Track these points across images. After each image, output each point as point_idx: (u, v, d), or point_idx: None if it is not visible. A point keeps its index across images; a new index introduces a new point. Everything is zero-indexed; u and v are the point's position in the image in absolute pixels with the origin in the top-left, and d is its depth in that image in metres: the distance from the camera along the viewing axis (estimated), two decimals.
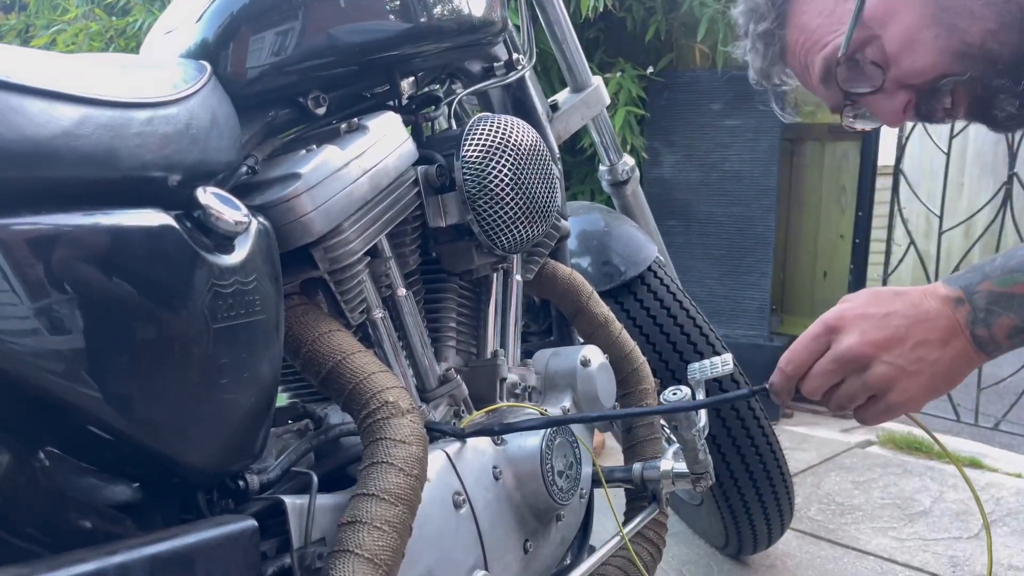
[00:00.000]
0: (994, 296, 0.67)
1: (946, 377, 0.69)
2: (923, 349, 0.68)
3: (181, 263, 0.62)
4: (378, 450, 0.74)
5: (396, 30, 0.89)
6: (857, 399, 0.71)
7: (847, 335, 0.70)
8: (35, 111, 0.55)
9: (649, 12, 2.65)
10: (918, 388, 0.69)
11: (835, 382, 0.72)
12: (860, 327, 0.70)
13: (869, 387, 0.70)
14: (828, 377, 0.72)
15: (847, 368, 0.70)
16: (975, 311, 0.68)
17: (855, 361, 0.70)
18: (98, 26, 3.62)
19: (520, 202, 0.94)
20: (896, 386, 0.69)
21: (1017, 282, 0.66)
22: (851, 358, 0.70)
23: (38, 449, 0.60)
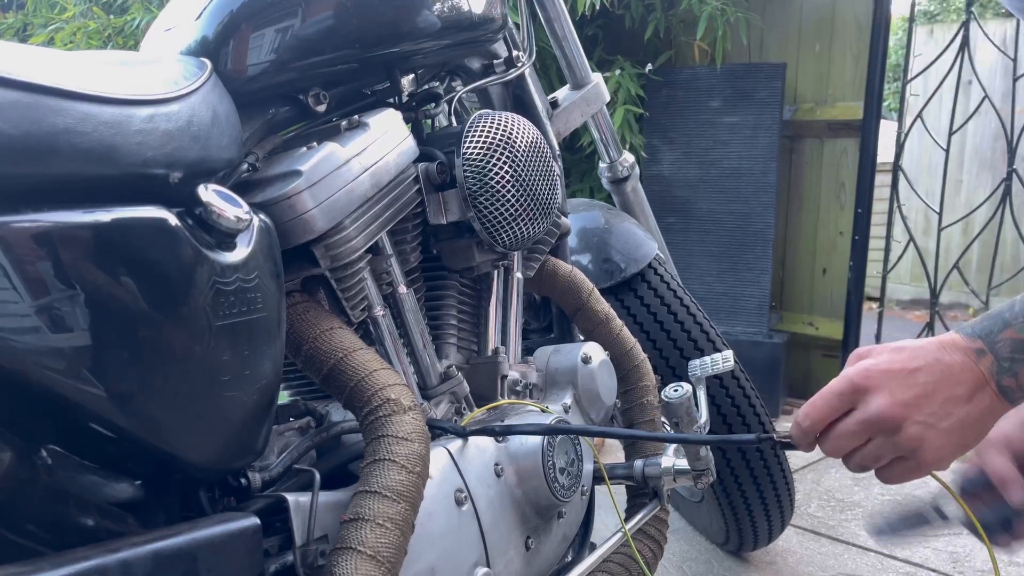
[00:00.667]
0: (1018, 344, 0.65)
1: (975, 431, 0.67)
2: (951, 405, 0.66)
3: (183, 260, 0.62)
4: (380, 447, 0.74)
5: (396, 27, 0.89)
6: (883, 460, 0.69)
7: (876, 396, 0.67)
8: (38, 108, 0.55)
9: (648, 9, 2.65)
10: (949, 446, 0.67)
11: (861, 443, 0.69)
12: (888, 387, 0.67)
13: (900, 448, 0.67)
14: (854, 439, 0.69)
15: (876, 430, 0.68)
16: (999, 361, 0.66)
17: (886, 423, 0.67)
18: (96, 24, 3.61)
19: (521, 199, 0.94)
20: (927, 445, 0.66)
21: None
22: (882, 420, 0.67)
23: (40, 447, 0.60)
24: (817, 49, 2.65)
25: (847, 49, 2.60)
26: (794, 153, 2.75)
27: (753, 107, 2.62)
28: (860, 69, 2.56)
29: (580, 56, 1.40)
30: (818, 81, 2.66)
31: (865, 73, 2.51)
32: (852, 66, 2.59)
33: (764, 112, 2.61)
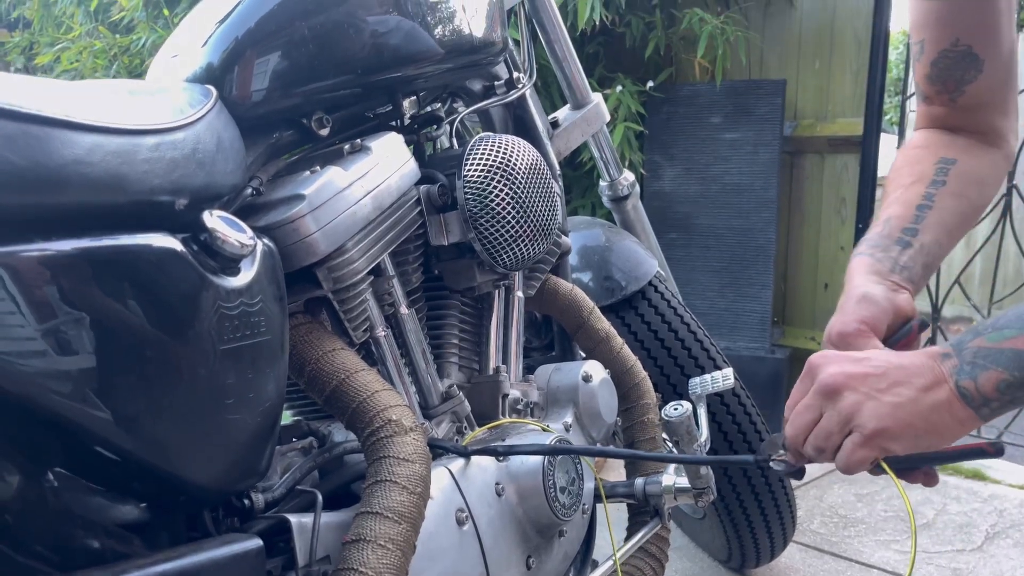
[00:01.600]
0: (982, 351, 0.66)
1: (927, 419, 0.67)
2: (900, 387, 0.68)
3: (188, 286, 0.63)
4: (382, 468, 0.74)
5: (399, 52, 0.91)
6: (833, 437, 0.71)
7: (823, 370, 0.71)
8: (48, 140, 0.56)
9: (648, 27, 2.67)
10: (892, 418, 0.67)
11: (815, 419, 0.72)
12: (838, 362, 0.71)
13: (841, 417, 0.69)
14: (807, 414, 0.72)
15: (822, 399, 0.70)
16: (961, 364, 0.67)
17: (829, 389, 0.70)
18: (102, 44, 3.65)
19: (521, 220, 0.95)
20: (866, 412, 0.68)
21: (1006, 337, 0.66)
22: (825, 386, 0.70)
23: (47, 469, 0.61)
24: (817, 65, 2.67)
25: (847, 65, 2.62)
26: (795, 168, 2.76)
27: (754, 123, 2.64)
28: (860, 85, 2.57)
29: (580, 76, 1.42)
30: (818, 97, 2.68)
31: (865, 89, 2.53)
32: (852, 82, 2.61)
33: (765, 128, 2.63)
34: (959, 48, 0.86)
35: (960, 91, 0.88)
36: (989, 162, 0.90)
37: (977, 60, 0.86)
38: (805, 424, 0.72)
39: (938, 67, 0.88)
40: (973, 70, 0.87)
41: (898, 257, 0.82)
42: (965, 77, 0.87)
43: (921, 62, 0.90)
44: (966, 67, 0.87)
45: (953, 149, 0.90)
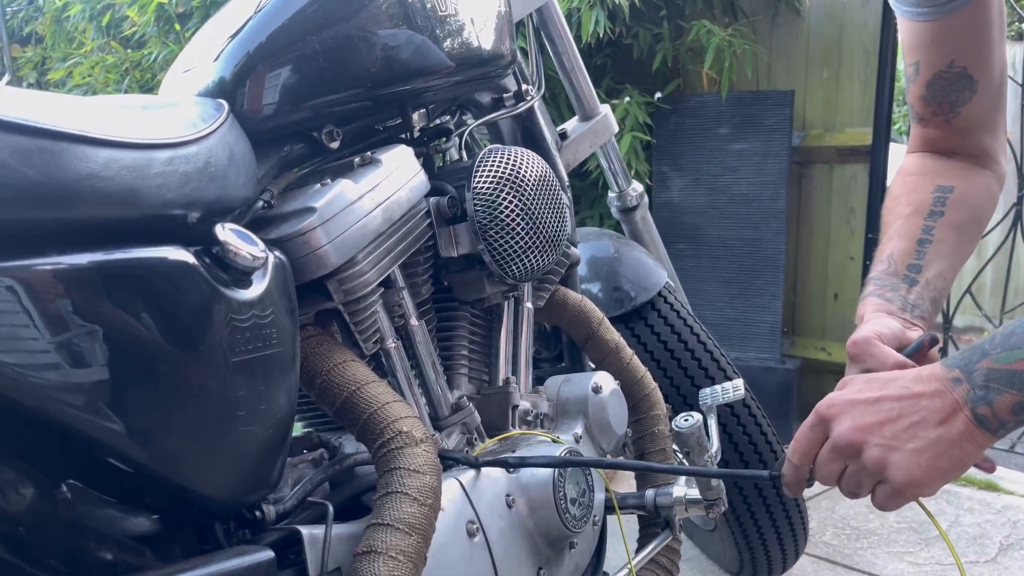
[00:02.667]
0: (994, 373, 0.65)
1: (951, 456, 0.66)
2: (919, 428, 0.66)
3: (200, 298, 0.64)
4: (392, 479, 0.74)
5: (409, 66, 0.91)
6: (864, 485, 0.70)
7: (838, 423, 0.70)
8: (63, 155, 0.57)
9: (656, 39, 2.68)
10: (919, 467, 0.66)
11: (840, 470, 0.71)
12: (850, 414, 0.69)
13: (869, 472, 0.68)
14: (832, 466, 0.71)
15: (844, 455, 0.70)
16: (974, 389, 0.65)
17: (848, 448, 0.69)
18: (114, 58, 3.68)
19: (530, 232, 0.95)
20: (893, 467, 0.67)
21: (1017, 358, 0.64)
22: (844, 446, 0.69)
23: (60, 481, 0.61)
24: (825, 75, 2.67)
25: (855, 75, 2.62)
26: (803, 179, 2.76)
27: (762, 134, 2.64)
28: (868, 94, 2.57)
29: (588, 88, 1.42)
30: (826, 107, 2.68)
31: (873, 98, 2.53)
32: (860, 92, 2.61)
33: (773, 139, 2.63)
34: (954, 70, 0.86)
35: (955, 112, 0.88)
36: (984, 186, 0.91)
37: (972, 81, 0.86)
38: (832, 474, 0.72)
39: (933, 88, 0.88)
40: (968, 91, 0.87)
41: (907, 295, 0.82)
42: (960, 98, 0.88)
43: (916, 83, 0.90)
44: (961, 88, 0.87)
45: (948, 175, 0.90)
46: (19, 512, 0.58)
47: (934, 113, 0.90)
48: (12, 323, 0.53)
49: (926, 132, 0.93)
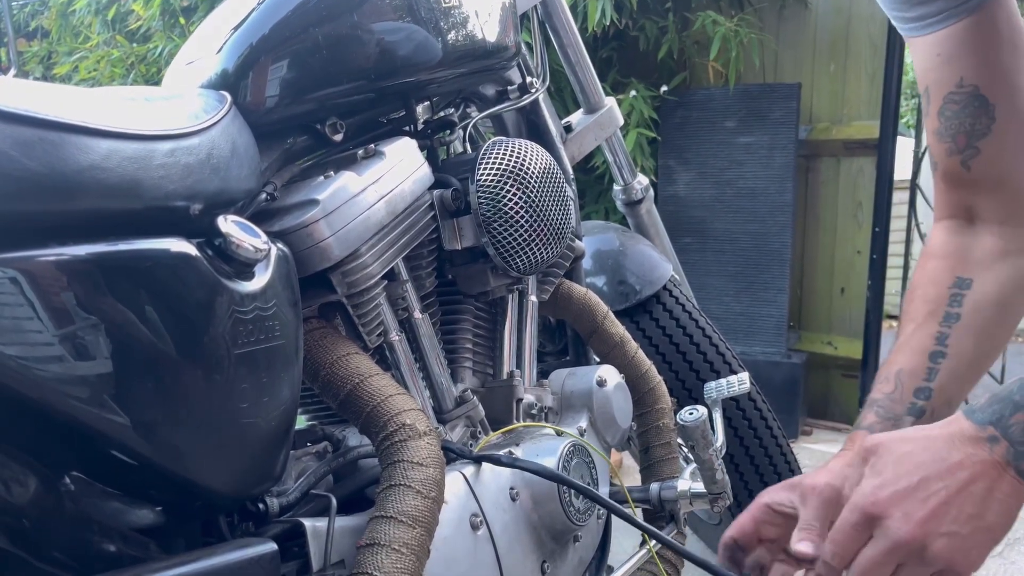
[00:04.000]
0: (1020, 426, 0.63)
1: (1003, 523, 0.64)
2: (971, 507, 0.63)
3: (203, 290, 0.64)
4: (396, 472, 0.74)
5: (412, 58, 0.91)
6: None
7: (892, 521, 0.65)
8: (64, 145, 0.57)
9: (662, 31, 2.67)
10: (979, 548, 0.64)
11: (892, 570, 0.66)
12: (902, 508, 0.64)
13: (933, 566, 0.65)
14: (883, 568, 0.66)
15: (902, 555, 0.65)
16: (1013, 446, 0.63)
17: (910, 547, 0.64)
18: (119, 52, 3.68)
19: (534, 225, 0.95)
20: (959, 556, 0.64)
21: None
22: (905, 545, 0.64)
23: (64, 474, 0.61)
24: (832, 68, 2.66)
25: (862, 68, 2.60)
26: (810, 172, 2.75)
27: (768, 127, 2.62)
28: (876, 88, 2.56)
29: (594, 80, 1.42)
30: (833, 100, 2.67)
31: (881, 92, 2.51)
32: (867, 85, 2.59)
33: (779, 132, 2.61)
34: (964, 89, 0.78)
35: (973, 148, 0.79)
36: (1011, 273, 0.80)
37: (987, 105, 0.77)
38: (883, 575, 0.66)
39: (945, 116, 0.80)
40: (984, 117, 0.78)
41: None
42: (976, 127, 0.78)
43: (930, 116, 0.81)
44: (975, 113, 0.78)
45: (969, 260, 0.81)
46: (23, 505, 0.58)
47: (950, 152, 0.80)
48: (14, 315, 0.53)
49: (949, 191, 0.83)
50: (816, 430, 2.80)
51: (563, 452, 0.93)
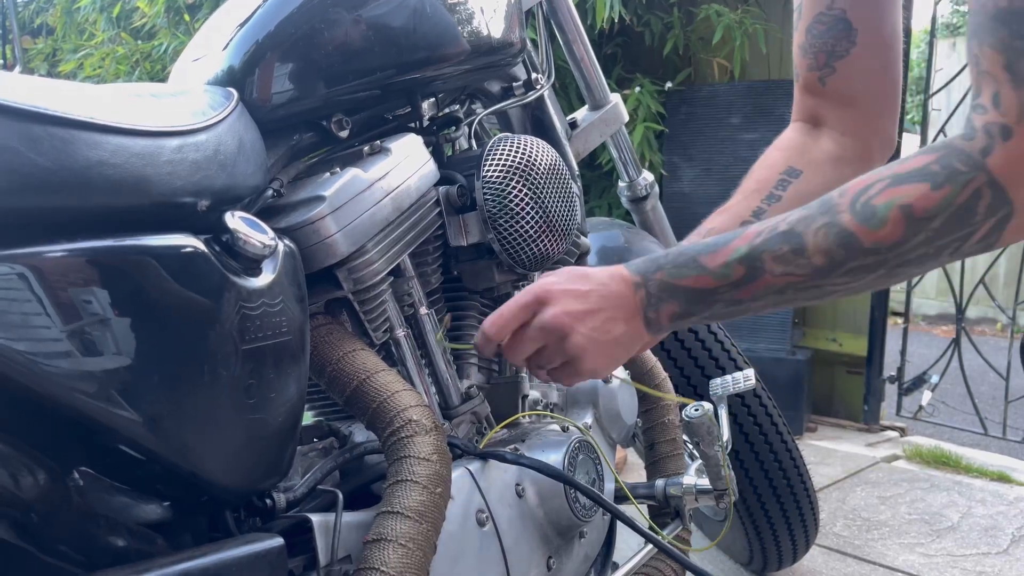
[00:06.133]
0: (663, 285, 0.76)
1: (624, 350, 0.79)
2: (611, 324, 0.77)
3: (210, 286, 0.64)
4: (402, 468, 0.74)
5: (418, 54, 0.91)
6: (554, 363, 0.81)
7: (552, 307, 0.78)
8: (72, 142, 0.57)
9: (667, 27, 2.67)
10: (603, 359, 0.79)
11: (538, 347, 0.80)
12: (563, 301, 0.78)
13: (566, 354, 0.78)
14: (532, 343, 0.80)
15: (549, 336, 0.79)
16: (649, 296, 0.77)
17: (557, 330, 0.78)
18: (124, 50, 3.69)
19: (540, 221, 0.95)
20: (587, 355, 0.78)
21: (683, 276, 0.75)
22: (555, 327, 0.78)
23: (72, 469, 0.62)
24: None
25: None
26: None
27: (773, 123, 2.62)
28: None
29: (599, 77, 1.41)
30: None
31: None
32: None
33: (784, 128, 2.60)
34: (833, 11, 0.84)
35: (830, 67, 0.86)
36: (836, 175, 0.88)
37: (850, 29, 0.84)
38: (527, 350, 0.81)
39: (812, 34, 0.86)
40: (845, 40, 0.84)
41: None
42: (836, 49, 0.85)
43: (798, 30, 0.87)
44: (838, 35, 0.84)
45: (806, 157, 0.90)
46: (31, 499, 0.58)
47: (810, 67, 0.87)
48: (23, 311, 0.53)
49: (803, 98, 0.90)
50: (821, 426, 2.80)
51: (569, 449, 0.93)
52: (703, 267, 0.74)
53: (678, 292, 0.75)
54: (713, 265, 0.74)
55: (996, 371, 2.73)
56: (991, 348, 2.91)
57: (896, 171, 0.67)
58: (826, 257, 0.68)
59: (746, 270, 0.72)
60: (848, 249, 0.67)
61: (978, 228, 0.65)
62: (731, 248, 0.73)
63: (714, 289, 0.74)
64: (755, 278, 0.72)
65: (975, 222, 0.64)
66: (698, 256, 0.75)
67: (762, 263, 0.71)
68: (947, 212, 0.64)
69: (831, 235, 0.68)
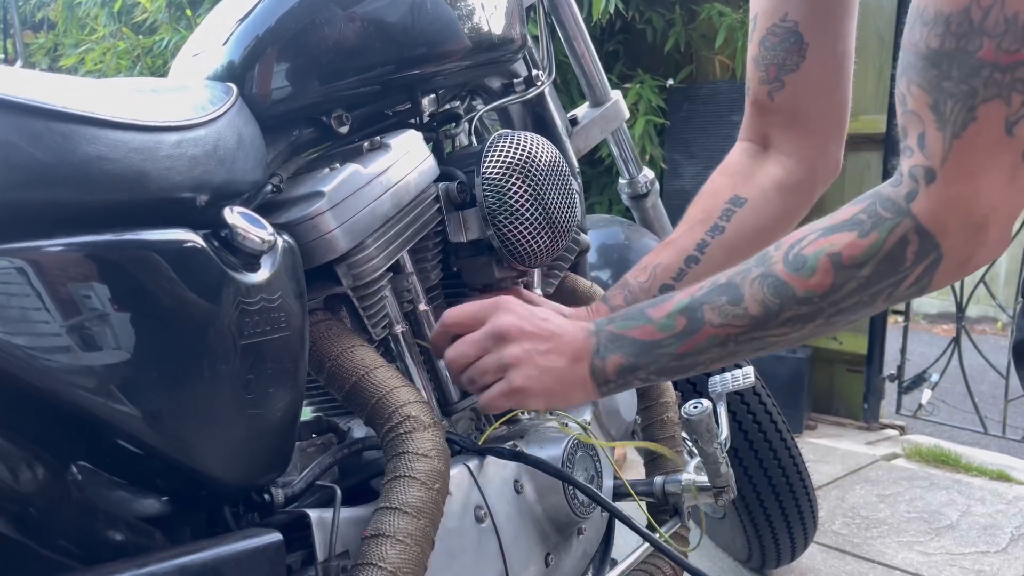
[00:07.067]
0: (612, 336, 0.76)
1: (564, 390, 0.78)
2: (555, 356, 0.78)
3: (209, 281, 0.64)
4: (400, 464, 0.75)
5: (418, 50, 0.91)
6: (488, 374, 0.80)
7: (510, 316, 0.80)
8: (71, 136, 0.57)
9: (669, 24, 2.66)
10: (538, 384, 0.78)
11: (478, 354, 0.80)
12: (520, 315, 0.80)
13: (500, 363, 0.78)
14: (474, 348, 0.80)
15: (494, 342, 0.79)
16: (599, 344, 0.77)
17: (502, 338, 0.78)
18: (125, 45, 3.69)
19: (539, 217, 0.95)
20: (520, 370, 0.77)
21: (630, 327, 0.76)
22: (500, 334, 0.79)
23: (71, 463, 0.62)
24: None
25: (869, 63, 2.59)
26: None
27: None
28: (883, 82, 2.55)
29: (600, 74, 1.41)
30: None
31: (888, 86, 2.50)
32: (875, 80, 2.58)
33: None
34: (787, 23, 0.84)
35: (779, 81, 0.86)
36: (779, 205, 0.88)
37: (802, 42, 0.84)
38: (467, 356, 0.81)
39: (764, 46, 0.86)
40: (796, 54, 0.84)
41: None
42: (787, 62, 0.85)
43: (752, 41, 0.87)
44: (789, 48, 0.84)
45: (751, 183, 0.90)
46: (30, 493, 0.58)
47: (761, 80, 0.87)
48: (22, 305, 0.53)
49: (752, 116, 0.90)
50: (820, 424, 2.80)
51: (567, 446, 0.93)
52: (648, 318, 0.75)
53: (624, 343, 0.76)
54: (657, 316, 0.74)
55: (996, 370, 2.72)
56: (991, 347, 2.91)
57: (828, 223, 0.68)
58: (762, 307, 0.69)
59: (687, 321, 0.73)
60: (782, 298, 0.68)
61: (909, 274, 0.64)
62: (674, 301, 0.74)
63: (659, 341, 0.74)
64: (696, 329, 0.72)
65: (905, 268, 0.64)
66: (646, 309, 0.76)
67: (702, 314, 0.72)
68: (875, 259, 0.64)
69: (766, 285, 0.69)
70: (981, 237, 0.62)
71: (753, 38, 0.87)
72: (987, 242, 0.63)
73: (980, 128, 0.59)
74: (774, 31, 0.84)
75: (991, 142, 0.59)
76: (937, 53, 0.60)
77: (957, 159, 0.60)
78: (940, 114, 0.60)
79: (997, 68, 0.57)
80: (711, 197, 0.92)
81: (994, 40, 0.57)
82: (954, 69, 0.59)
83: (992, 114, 0.58)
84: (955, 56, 0.59)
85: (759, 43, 0.86)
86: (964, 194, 0.61)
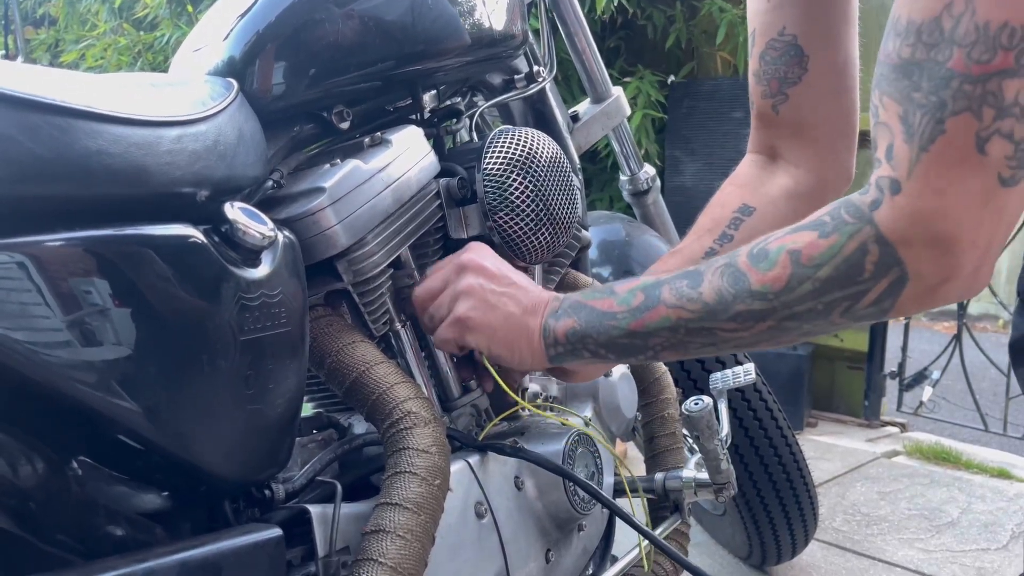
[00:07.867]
0: (575, 303, 0.78)
1: (508, 335, 0.79)
2: (509, 300, 0.79)
3: (209, 277, 0.64)
4: (401, 460, 0.75)
5: (419, 46, 0.91)
6: (441, 309, 0.82)
7: (474, 254, 0.82)
8: (71, 131, 0.57)
9: (670, 20, 2.66)
10: (482, 318, 0.79)
11: (440, 288, 0.82)
12: (489, 259, 0.82)
13: (453, 295, 0.80)
14: (437, 282, 0.83)
15: (454, 274, 0.81)
16: (560, 308, 0.78)
17: (462, 268, 0.81)
18: (126, 40, 3.68)
19: (540, 214, 0.95)
20: (468, 302, 0.79)
21: (593, 298, 0.77)
22: (461, 264, 0.81)
23: (71, 458, 0.62)
24: None
25: (873, 58, 2.57)
26: None
27: None
28: None
29: (601, 70, 1.41)
30: None
31: None
32: None
33: None
34: (785, 36, 0.83)
35: (783, 94, 0.85)
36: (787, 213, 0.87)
37: (802, 55, 0.83)
38: (431, 290, 0.83)
39: (764, 61, 0.85)
40: (797, 67, 0.84)
41: None
42: (788, 75, 0.84)
43: (752, 56, 0.87)
44: (789, 62, 0.83)
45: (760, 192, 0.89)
46: (30, 488, 0.58)
47: (763, 95, 0.87)
48: (21, 300, 0.53)
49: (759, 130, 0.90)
50: (821, 422, 2.80)
51: (567, 442, 0.93)
52: (613, 291, 0.76)
53: (583, 310, 0.76)
54: (621, 290, 0.75)
55: (997, 367, 2.72)
56: (992, 344, 2.91)
57: (796, 224, 0.67)
58: (716, 295, 0.68)
59: (645, 297, 0.73)
60: (737, 289, 0.67)
61: (869, 288, 0.63)
62: (642, 279, 0.75)
63: (613, 314, 0.74)
64: (650, 307, 0.72)
65: (864, 279, 0.62)
66: (616, 284, 0.77)
67: (660, 292, 0.72)
68: (833, 262, 0.63)
69: (726, 274, 0.68)
70: (950, 261, 0.60)
71: (753, 53, 0.87)
72: (960, 270, 0.60)
73: (949, 142, 0.57)
74: (773, 45, 0.84)
75: (960, 158, 0.57)
76: (908, 63, 0.59)
77: (924, 174, 0.58)
78: (909, 126, 0.59)
79: (968, 79, 0.56)
80: (720, 207, 0.92)
81: (964, 50, 0.55)
82: (924, 80, 0.58)
83: (961, 128, 0.56)
84: (925, 66, 0.58)
85: (759, 58, 0.86)
86: (929, 210, 0.59)
